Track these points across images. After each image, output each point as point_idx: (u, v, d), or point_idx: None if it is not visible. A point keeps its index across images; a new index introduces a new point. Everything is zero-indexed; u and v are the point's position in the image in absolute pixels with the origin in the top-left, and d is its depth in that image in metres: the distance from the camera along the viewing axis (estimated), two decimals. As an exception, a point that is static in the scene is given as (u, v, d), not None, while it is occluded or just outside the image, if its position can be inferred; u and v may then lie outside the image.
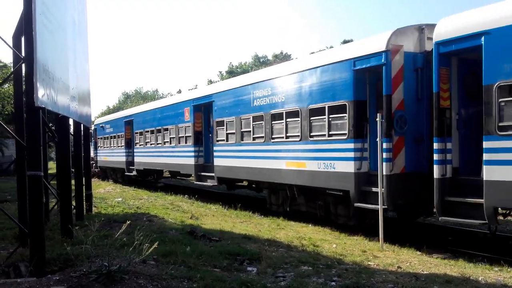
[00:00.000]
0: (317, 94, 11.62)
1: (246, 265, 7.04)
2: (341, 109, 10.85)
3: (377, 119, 9.19)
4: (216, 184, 17.23)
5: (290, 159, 12.64)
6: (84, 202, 11.61)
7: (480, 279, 6.61)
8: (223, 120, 16.27)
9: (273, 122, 13.39)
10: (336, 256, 8.22)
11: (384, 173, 9.55)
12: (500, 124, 7.64)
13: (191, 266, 6.48)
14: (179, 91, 70.42)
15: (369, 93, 10.58)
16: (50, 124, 10.29)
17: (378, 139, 9.25)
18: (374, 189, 9.85)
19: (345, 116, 10.67)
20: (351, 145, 10.55)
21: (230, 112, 15.85)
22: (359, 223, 11.11)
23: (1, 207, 7.65)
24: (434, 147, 8.96)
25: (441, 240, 10.53)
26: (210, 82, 61.95)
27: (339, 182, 10.90)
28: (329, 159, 11.21)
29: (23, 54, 6.46)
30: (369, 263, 7.77)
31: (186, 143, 19.37)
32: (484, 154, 7.91)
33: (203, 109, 18.48)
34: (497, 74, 7.73)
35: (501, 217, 9.94)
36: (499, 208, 8.29)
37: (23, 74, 7.15)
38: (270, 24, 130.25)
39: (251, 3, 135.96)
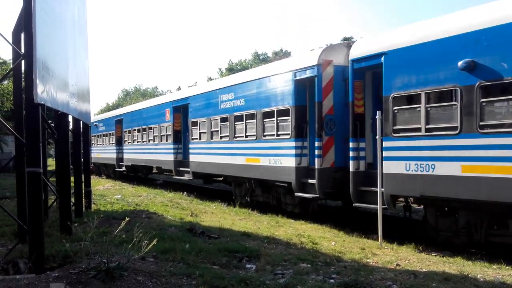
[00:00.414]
0: (268, 99, 13.67)
1: (245, 262, 7.05)
2: (286, 112, 12.80)
3: (377, 116, 9.38)
4: (191, 178, 19.22)
5: (249, 156, 14.58)
6: (83, 199, 11.60)
7: (478, 276, 6.62)
8: (197, 121, 18.23)
9: (235, 123, 15.39)
10: (335, 253, 8.23)
11: (316, 167, 11.67)
12: (394, 127, 9.47)
13: (190, 263, 6.49)
14: (179, 88, 70.36)
15: (308, 100, 12.47)
16: (50, 121, 10.28)
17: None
18: (310, 181, 11.97)
19: (289, 118, 12.64)
20: (292, 144, 12.52)
21: (202, 114, 17.88)
22: (302, 210, 12.96)
23: (0, 203, 7.64)
24: (350, 146, 10.92)
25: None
26: (210, 79, 61.88)
27: (284, 175, 12.84)
28: (277, 156, 13.19)
29: (22, 50, 6.44)
30: (368, 260, 7.79)
31: (167, 141, 21.37)
32: (383, 152, 9.60)
33: (182, 110, 20.34)
34: (392, 87, 9.52)
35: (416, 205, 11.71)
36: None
37: (23, 71, 7.15)
38: (270, 21, 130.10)
39: (251, 0, 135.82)
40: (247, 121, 14.66)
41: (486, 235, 8.62)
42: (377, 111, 9.72)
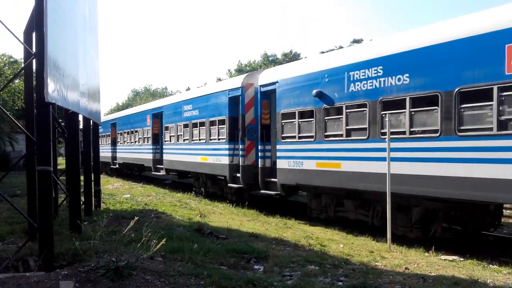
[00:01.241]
0: (213, 111, 17.74)
1: (253, 263, 7.04)
2: (223, 121, 16.88)
3: (386, 119, 9.39)
4: (164, 174, 23.27)
5: (202, 155, 18.52)
6: (93, 198, 11.67)
7: (488, 281, 6.55)
8: (168, 126, 22.52)
9: (193, 128, 19.40)
10: (343, 256, 8.19)
11: (240, 164, 15.78)
12: (283, 135, 13.33)
13: (198, 263, 6.50)
14: (188, 89, 70.57)
15: (240, 112, 15.98)
16: (60, 120, 10.34)
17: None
18: (238, 175, 15.87)
19: (225, 126, 16.68)
20: (227, 146, 16.49)
21: (171, 120, 22.16)
22: (237, 199, 16.49)
23: (11, 201, 7.69)
24: (258, 148, 14.96)
25: (449, 241, 10.44)
26: (219, 79, 61.96)
27: (222, 171, 16.74)
28: (218, 155, 17.07)
29: (34, 50, 6.50)
30: (377, 263, 7.74)
31: (147, 142, 25.54)
32: (277, 152, 13.57)
33: (159, 116, 24.46)
34: (281, 106, 13.54)
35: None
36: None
37: (34, 70, 7.20)
38: (280, 23, 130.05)
39: (262, 1, 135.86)
40: (200, 128, 18.74)
41: (335, 211, 12.33)
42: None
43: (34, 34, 6.80)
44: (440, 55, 9.00)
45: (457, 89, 8.58)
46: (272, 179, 14.10)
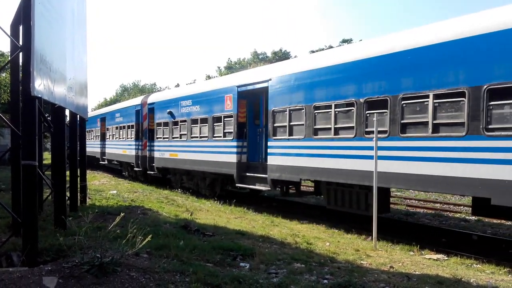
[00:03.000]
0: (129, 117, 24.88)
1: (239, 260, 7.04)
2: (133, 126, 24.31)
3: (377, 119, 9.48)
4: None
5: (123, 149, 25.58)
6: (79, 194, 11.57)
7: (472, 281, 6.63)
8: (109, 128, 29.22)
9: (174, 126, 20.09)
10: (329, 254, 8.24)
11: (139, 155, 23.31)
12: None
13: (184, 260, 6.48)
14: (177, 85, 70.29)
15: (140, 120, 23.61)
16: (47, 115, 10.24)
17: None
18: (138, 162, 22.73)
19: (134, 129, 24.15)
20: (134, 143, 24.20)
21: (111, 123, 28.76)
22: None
23: (-5, 196, 7.60)
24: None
25: (434, 241, 10.56)
26: (208, 77, 61.81)
27: (130, 159, 24.30)
28: (128, 149, 24.54)
29: (21, 43, 6.42)
30: (362, 262, 7.79)
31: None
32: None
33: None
34: (155, 119, 21.41)
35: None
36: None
37: (20, 63, 7.11)
38: (270, 21, 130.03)
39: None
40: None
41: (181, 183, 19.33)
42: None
43: (21, 27, 6.72)
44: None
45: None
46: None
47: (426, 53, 9.13)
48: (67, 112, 9.50)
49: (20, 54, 6.46)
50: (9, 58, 7.98)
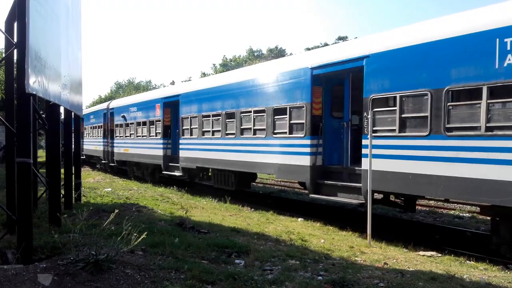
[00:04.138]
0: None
1: (234, 257, 7.06)
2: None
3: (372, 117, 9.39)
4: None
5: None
6: (73, 191, 11.55)
7: (465, 277, 6.69)
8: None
9: (137, 127, 23.51)
10: (324, 251, 8.27)
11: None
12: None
13: (179, 257, 6.49)
14: (172, 83, 70.14)
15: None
16: (41, 112, 10.20)
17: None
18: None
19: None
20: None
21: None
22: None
23: (-11, 193, 7.58)
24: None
25: (428, 238, 10.62)
26: (204, 74, 61.73)
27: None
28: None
29: (15, 39, 6.39)
30: (356, 258, 7.83)
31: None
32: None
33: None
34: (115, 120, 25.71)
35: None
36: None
37: (15, 60, 7.09)
38: (266, 18, 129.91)
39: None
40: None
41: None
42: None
43: (15, 24, 6.69)
44: None
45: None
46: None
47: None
48: (61, 110, 9.49)
49: (15, 51, 6.44)
50: (4, 55, 7.95)
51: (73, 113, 11.18)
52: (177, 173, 19.22)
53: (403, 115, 9.33)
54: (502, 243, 8.49)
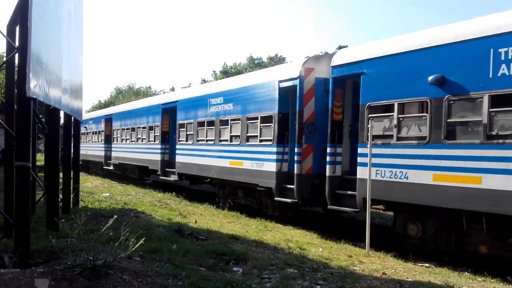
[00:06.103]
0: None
1: (232, 265, 7.03)
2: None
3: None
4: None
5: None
6: (71, 196, 11.52)
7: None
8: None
9: (131, 132, 24.95)
10: (322, 260, 8.24)
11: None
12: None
13: (177, 264, 6.47)
14: (172, 89, 70.26)
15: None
16: (41, 116, 10.20)
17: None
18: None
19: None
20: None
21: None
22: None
23: (-13, 197, 7.56)
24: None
25: (427, 248, 10.58)
26: (204, 81, 61.87)
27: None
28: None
29: (17, 43, 6.40)
30: (355, 268, 7.80)
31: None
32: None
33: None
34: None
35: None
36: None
37: (16, 64, 7.09)
38: (266, 26, 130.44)
39: (248, 3, 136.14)
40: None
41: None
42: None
43: (17, 28, 6.70)
44: None
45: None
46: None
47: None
48: (61, 114, 9.49)
49: (16, 55, 6.45)
50: (5, 59, 7.96)
51: (73, 118, 11.19)
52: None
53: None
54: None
